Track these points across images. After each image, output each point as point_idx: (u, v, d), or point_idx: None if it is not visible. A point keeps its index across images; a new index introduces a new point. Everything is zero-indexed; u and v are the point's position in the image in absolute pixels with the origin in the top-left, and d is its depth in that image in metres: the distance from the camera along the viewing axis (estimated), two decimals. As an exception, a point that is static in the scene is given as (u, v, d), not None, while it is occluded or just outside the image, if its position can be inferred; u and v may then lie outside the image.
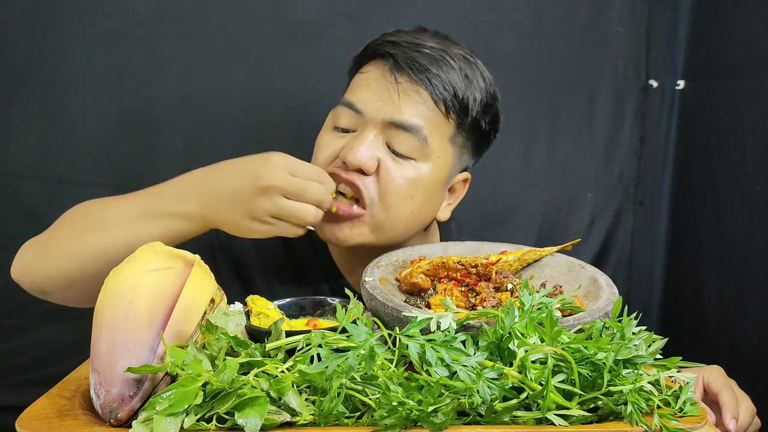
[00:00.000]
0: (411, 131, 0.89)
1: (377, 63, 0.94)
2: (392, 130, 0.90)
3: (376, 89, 0.91)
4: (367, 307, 0.76)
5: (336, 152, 0.92)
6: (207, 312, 0.67)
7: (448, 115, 0.92)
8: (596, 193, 1.58)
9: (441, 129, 0.92)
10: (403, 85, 0.89)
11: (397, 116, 0.89)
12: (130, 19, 1.39)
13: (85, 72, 1.39)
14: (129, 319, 0.62)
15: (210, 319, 0.65)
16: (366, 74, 0.94)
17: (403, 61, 0.89)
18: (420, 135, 0.90)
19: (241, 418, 0.55)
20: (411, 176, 0.91)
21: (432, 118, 0.91)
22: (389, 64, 0.91)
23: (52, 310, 1.43)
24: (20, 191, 1.40)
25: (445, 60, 0.90)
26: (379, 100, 0.90)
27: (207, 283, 0.69)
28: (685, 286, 1.52)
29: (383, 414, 0.56)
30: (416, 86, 0.90)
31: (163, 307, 0.63)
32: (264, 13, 1.42)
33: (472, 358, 0.58)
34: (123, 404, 0.59)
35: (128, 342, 0.61)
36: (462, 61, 0.93)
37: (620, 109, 1.56)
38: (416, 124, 0.90)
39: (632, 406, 0.58)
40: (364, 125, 0.91)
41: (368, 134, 0.90)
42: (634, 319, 0.65)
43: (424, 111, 0.90)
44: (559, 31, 1.51)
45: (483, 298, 0.75)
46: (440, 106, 0.91)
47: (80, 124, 1.41)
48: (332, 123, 0.96)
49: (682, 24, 1.50)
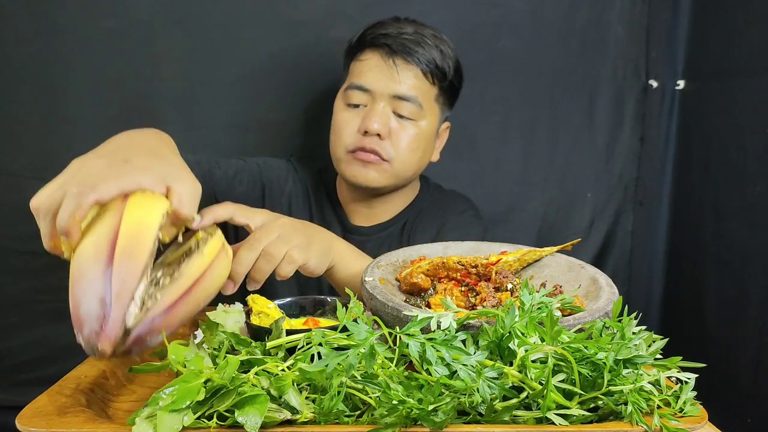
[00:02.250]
0: (410, 100, 1.16)
1: (374, 51, 1.17)
2: (396, 101, 1.16)
3: (379, 71, 1.16)
4: (368, 307, 0.76)
5: (356, 125, 1.17)
6: (162, 225, 0.67)
7: (433, 83, 1.19)
8: (596, 193, 1.58)
9: (429, 94, 1.19)
10: (400, 65, 1.16)
11: (400, 90, 1.16)
12: (130, 19, 1.39)
13: (85, 72, 1.39)
14: (80, 271, 0.62)
15: (210, 317, 0.65)
16: (366, 61, 1.18)
17: (397, 47, 1.15)
18: (416, 102, 1.17)
19: (242, 416, 0.55)
20: (414, 133, 1.18)
21: (422, 87, 1.18)
22: (385, 50, 1.16)
23: (52, 310, 1.44)
24: (20, 191, 1.40)
25: (424, 41, 1.17)
26: (383, 79, 1.15)
27: (151, 203, 0.68)
28: (685, 286, 1.52)
29: (383, 412, 0.56)
30: (409, 65, 1.16)
31: (105, 241, 0.63)
32: (264, 12, 1.42)
33: (473, 357, 0.58)
34: (98, 338, 0.60)
35: (83, 286, 0.61)
36: (435, 39, 1.19)
37: (620, 109, 1.56)
38: (413, 95, 1.16)
39: (632, 405, 0.58)
40: (374, 100, 1.17)
41: (378, 106, 1.16)
42: (634, 319, 0.65)
43: (417, 83, 1.17)
44: (559, 31, 1.51)
45: (483, 297, 0.75)
46: (427, 77, 1.18)
47: (80, 124, 1.41)
48: (343, 103, 1.20)
49: (682, 24, 1.50)
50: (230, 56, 1.43)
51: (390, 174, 1.20)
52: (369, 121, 1.15)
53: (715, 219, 1.41)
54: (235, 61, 1.43)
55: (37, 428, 0.58)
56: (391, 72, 1.15)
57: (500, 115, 1.53)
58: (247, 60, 1.43)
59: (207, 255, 0.70)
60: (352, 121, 1.18)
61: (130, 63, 1.40)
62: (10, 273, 1.41)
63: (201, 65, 1.42)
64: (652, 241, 1.59)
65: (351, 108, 1.18)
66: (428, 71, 1.17)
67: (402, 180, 1.23)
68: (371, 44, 1.18)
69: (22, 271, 1.41)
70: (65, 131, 1.40)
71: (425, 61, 1.16)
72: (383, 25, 1.18)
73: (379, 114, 1.15)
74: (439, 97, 1.22)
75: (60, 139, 1.40)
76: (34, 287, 1.42)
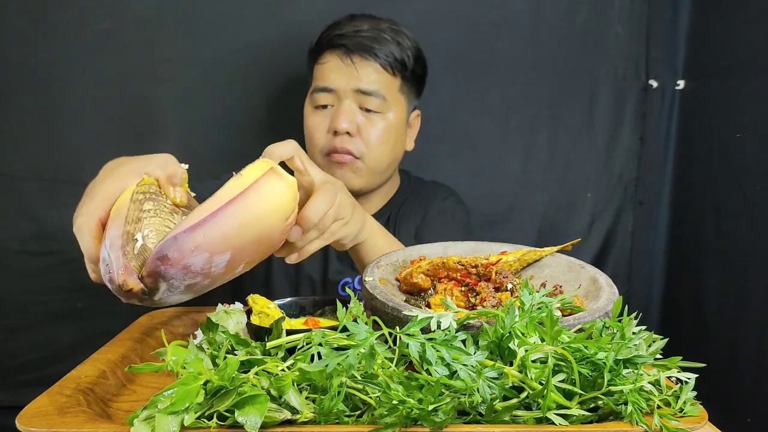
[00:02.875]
0: (373, 94, 1.19)
1: (332, 52, 1.21)
2: (360, 96, 1.19)
3: (339, 71, 1.19)
4: (368, 307, 0.76)
5: (325, 127, 1.20)
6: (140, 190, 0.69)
7: (394, 74, 1.21)
8: (596, 193, 1.58)
9: (392, 86, 1.22)
10: (358, 62, 1.18)
11: (362, 86, 1.18)
12: (129, 20, 1.39)
13: (84, 73, 1.39)
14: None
15: (211, 318, 0.65)
16: (327, 63, 1.21)
17: (353, 46, 1.18)
18: (380, 95, 1.19)
19: (241, 416, 0.55)
20: (382, 126, 1.21)
21: (384, 80, 1.20)
22: (342, 50, 1.19)
23: (52, 310, 1.44)
24: (20, 191, 1.40)
25: (381, 36, 1.20)
26: (344, 77, 1.18)
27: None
28: (685, 285, 1.52)
29: (383, 412, 0.56)
30: (368, 61, 1.19)
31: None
32: (263, 13, 1.43)
33: (473, 357, 0.58)
34: (113, 280, 0.63)
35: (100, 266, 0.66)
36: (392, 32, 1.21)
37: (620, 109, 1.56)
38: (375, 89, 1.19)
39: (632, 405, 0.58)
40: (339, 99, 1.19)
41: (344, 104, 1.18)
42: (634, 319, 0.65)
43: (377, 77, 1.19)
44: (559, 31, 1.51)
45: (483, 298, 0.75)
46: (387, 69, 1.20)
47: (80, 124, 1.41)
48: (311, 107, 1.22)
49: (682, 24, 1.50)
50: (229, 57, 1.43)
51: (365, 171, 1.21)
52: (336, 121, 1.17)
53: (715, 218, 1.41)
54: (235, 62, 1.44)
55: (37, 428, 0.58)
56: (350, 70, 1.18)
57: (500, 114, 1.53)
58: (246, 61, 1.43)
59: (246, 175, 0.67)
60: (322, 123, 1.20)
61: (128, 64, 1.40)
62: (10, 273, 1.42)
63: (199, 66, 1.43)
64: (652, 241, 1.59)
65: (319, 110, 1.21)
66: (387, 64, 1.20)
67: (378, 175, 1.25)
68: (329, 46, 1.21)
69: (22, 272, 1.42)
70: (64, 132, 1.40)
71: (383, 55, 1.19)
72: (339, 26, 1.21)
73: (345, 112, 1.18)
74: (403, 87, 1.24)
75: (59, 140, 1.40)
76: (34, 288, 1.42)
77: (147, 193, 0.69)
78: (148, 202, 0.68)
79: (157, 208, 0.68)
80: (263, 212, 0.67)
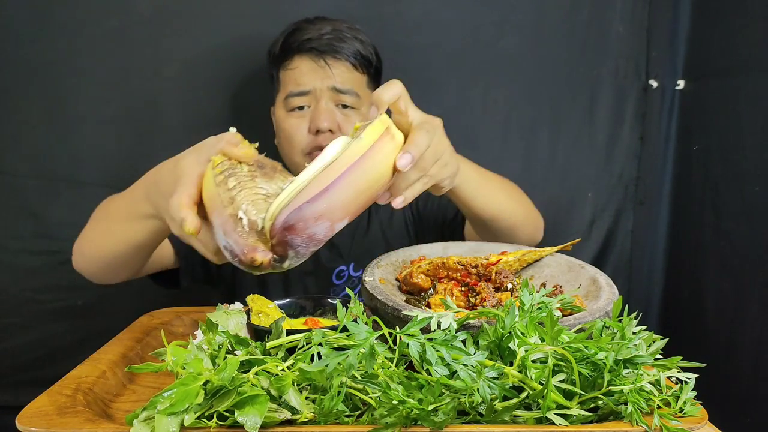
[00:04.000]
0: (348, 93, 1.21)
1: (302, 57, 1.22)
2: (336, 94, 1.21)
3: (313, 73, 1.20)
4: (368, 307, 0.76)
5: (305, 127, 1.21)
6: (216, 169, 0.69)
7: (362, 72, 1.25)
8: (596, 193, 1.58)
9: (361, 83, 1.25)
10: (332, 63, 1.21)
11: (336, 84, 1.20)
12: (131, 19, 1.39)
13: (86, 72, 1.39)
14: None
15: (211, 318, 0.65)
16: (298, 68, 1.22)
17: (323, 48, 1.20)
18: (353, 93, 1.22)
19: (241, 416, 0.55)
20: (357, 121, 1.21)
21: (355, 78, 1.23)
22: (313, 54, 1.21)
23: (52, 310, 1.44)
24: (20, 191, 1.40)
25: (344, 36, 1.22)
26: (320, 78, 1.20)
27: None
28: (685, 286, 1.52)
29: (383, 412, 0.56)
30: (339, 61, 1.21)
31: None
32: (264, 13, 1.42)
33: (473, 357, 0.58)
34: (243, 260, 0.63)
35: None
36: (352, 31, 1.24)
37: (620, 108, 1.56)
38: (349, 87, 1.22)
39: (632, 405, 0.58)
40: (317, 99, 1.21)
41: (322, 103, 1.20)
42: (634, 319, 0.65)
43: (349, 76, 1.22)
44: (560, 30, 1.51)
45: (483, 298, 0.75)
46: (357, 68, 1.24)
47: (80, 123, 1.41)
48: (285, 110, 1.23)
49: (682, 24, 1.50)
50: (232, 56, 1.43)
51: None
52: (318, 120, 1.19)
53: (715, 218, 1.40)
54: (238, 61, 1.43)
55: (37, 428, 0.58)
56: (324, 71, 1.20)
57: (501, 114, 1.53)
58: (250, 59, 1.43)
59: (366, 137, 0.66)
60: (301, 125, 1.21)
61: (131, 63, 1.40)
62: (10, 273, 1.41)
63: (202, 65, 1.42)
64: (652, 241, 1.59)
65: (295, 112, 1.22)
66: (356, 62, 1.23)
67: None
68: (298, 51, 1.22)
69: (22, 271, 1.42)
70: (66, 131, 1.40)
71: (351, 54, 1.22)
72: (303, 31, 1.22)
73: (325, 111, 1.19)
74: (369, 84, 1.28)
75: (60, 139, 1.40)
76: (34, 287, 1.42)
77: (224, 172, 0.69)
78: (230, 179, 0.68)
79: (239, 181, 0.68)
80: (377, 175, 0.67)
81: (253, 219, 0.63)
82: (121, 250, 0.97)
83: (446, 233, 1.30)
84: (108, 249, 0.99)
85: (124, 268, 1.05)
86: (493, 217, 1.06)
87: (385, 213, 1.35)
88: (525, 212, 1.16)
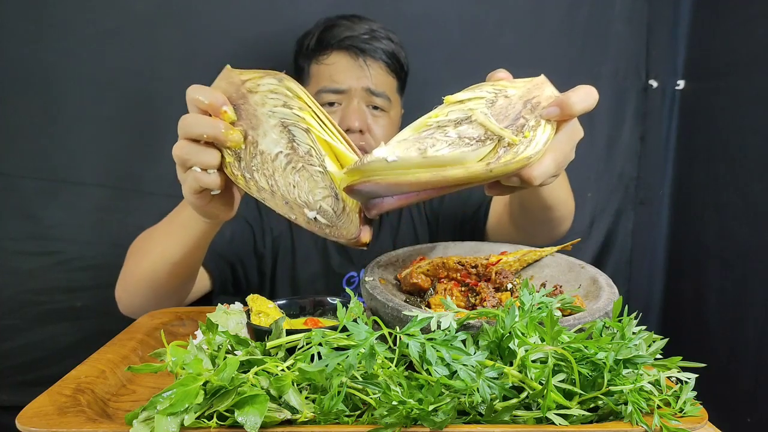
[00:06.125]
0: (380, 96, 1.22)
1: (340, 53, 1.21)
2: (369, 96, 1.21)
3: (350, 71, 1.20)
4: (368, 307, 0.76)
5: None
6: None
7: (394, 76, 1.26)
8: (596, 193, 1.58)
9: (393, 86, 1.27)
10: (370, 63, 1.21)
11: (371, 86, 1.21)
12: (130, 19, 1.39)
13: (85, 72, 1.39)
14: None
15: (211, 318, 0.65)
16: (335, 64, 1.21)
17: (363, 47, 1.20)
18: (385, 96, 1.23)
19: (241, 416, 0.55)
20: (386, 124, 1.24)
21: (387, 81, 1.25)
22: (352, 51, 1.20)
23: (51, 310, 1.44)
24: (18, 192, 1.40)
25: (380, 37, 1.23)
26: (355, 77, 1.20)
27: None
28: (685, 285, 1.52)
29: (383, 413, 0.56)
30: (377, 62, 1.22)
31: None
32: (264, 13, 1.42)
33: (473, 357, 0.58)
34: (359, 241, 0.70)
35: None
36: (385, 32, 1.25)
37: (621, 108, 1.56)
38: (383, 91, 1.23)
39: (632, 405, 0.58)
40: (349, 98, 1.21)
41: (354, 103, 1.20)
42: (634, 319, 0.65)
43: (383, 79, 1.24)
44: (560, 30, 1.51)
45: (483, 298, 0.75)
46: (391, 71, 1.25)
47: (79, 124, 1.40)
48: None
49: (682, 24, 1.50)
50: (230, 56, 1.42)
51: None
52: (350, 119, 1.19)
53: (716, 218, 1.40)
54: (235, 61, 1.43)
55: (37, 428, 0.58)
56: (362, 71, 1.20)
57: (500, 114, 1.53)
58: (248, 60, 1.43)
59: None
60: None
61: (128, 63, 1.40)
62: (10, 273, 1.41)
63: (200, 65, 1.42)
64: (652, 241, 1.59)
65: (324, 107, 1.21)
66: (392, 65, 1.24)
67: None
68: (337, 47, 1.21)
69: (22, 272, 1.41)
70: (63, 131, 1.40)
71: (387, 55, 1.23)
72: (341, 27, 1.22)
73: (357, 111, 1.20)
74: (399, 88, 1.29)
75: (58, 139, 1.40)
76: (33, 288, 1.42)
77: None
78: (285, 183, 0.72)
79: (295, 184, 0.72)
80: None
81: (325, 208, 0.69)
82: (167, 269, 0.98)
83: (466, 229, 1.29)
84: (154, 269, 1.00)
85: (174, 291, 1.04)
86: (554, 205, 1.03)
87: (395, 218, 1.34)
88: (573, 204, 1.13)
